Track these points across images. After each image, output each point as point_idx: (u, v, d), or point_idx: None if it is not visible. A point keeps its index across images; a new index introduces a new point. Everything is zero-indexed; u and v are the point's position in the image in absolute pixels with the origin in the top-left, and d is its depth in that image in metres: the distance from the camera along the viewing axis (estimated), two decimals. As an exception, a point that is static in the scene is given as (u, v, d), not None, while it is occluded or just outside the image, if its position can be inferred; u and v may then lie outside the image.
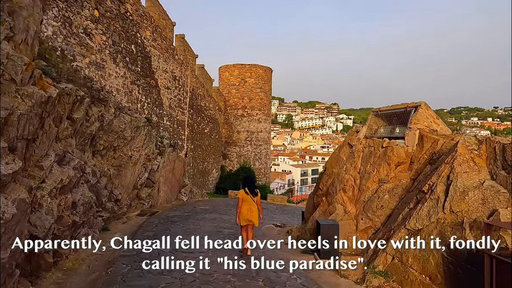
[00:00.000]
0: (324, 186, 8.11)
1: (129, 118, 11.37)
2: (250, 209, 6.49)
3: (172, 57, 18.81)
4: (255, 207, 6.52)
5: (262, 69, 29.56)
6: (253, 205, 6.49)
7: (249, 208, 6.49)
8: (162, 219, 10.34)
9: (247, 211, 6.48)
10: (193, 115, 22.48)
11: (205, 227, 9.32)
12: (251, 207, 6.49)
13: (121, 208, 10.26)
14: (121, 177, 10.84)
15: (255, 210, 6.52)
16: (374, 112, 7.60)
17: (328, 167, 8.11)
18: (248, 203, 6.49)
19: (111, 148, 10.63)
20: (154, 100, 16.90)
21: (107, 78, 12.98)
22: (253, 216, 6.51)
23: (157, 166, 12.99)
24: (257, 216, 6.56)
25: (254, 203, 6.48)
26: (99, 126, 9.89)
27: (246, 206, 6.49)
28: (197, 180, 23.84)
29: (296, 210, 16.48)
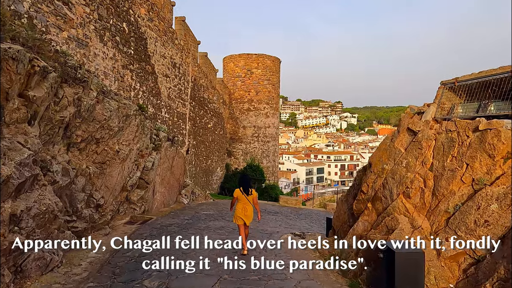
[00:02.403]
0: (370, 189, 5.97)
1: (116, 105, 9.30)
2: (244, 208, 6.49)
3: (171, 41, 16.71)
4: (250, 206, 6.50)
5: (270, 60, 27.34)
6: (247, 204, 6.48)
7: (243, 207, 6.49)
8: (156, 229, 8.25)
9: (242, 210, 6.49)
10: (195, 108, 20.39)
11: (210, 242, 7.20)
12: (246, 206, 6.49)
13: (103, 215, 8.18)
14: (106, 177, 8.76)
15: (249, 209, 6.51)
16: (448, 84, 5.44)
17: (376, 163, 5.98)
18: (243, 202, 6.51)
19: (93, 141, 8.56)
20: (150, 89, 14.81)
21: (92, 59, 10.90)
22: (247, 216, 6.50)
23: (151, 163, 10.90)
24: (251, 215, 6.54)
25: (248, 202, 6.48)
26: (75, 113, 7.83)
27: (241, 205, 6.52)
28: (200, 180, 21.76)
29: (313, 214, 14.34)
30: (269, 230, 9.58)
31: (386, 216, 5.17)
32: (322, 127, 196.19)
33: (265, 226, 10.24)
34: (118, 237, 7.47)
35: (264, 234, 8.80)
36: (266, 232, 9.12)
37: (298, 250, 7.49)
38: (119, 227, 8.60)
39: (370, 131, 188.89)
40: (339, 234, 7.75)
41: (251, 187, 6.71)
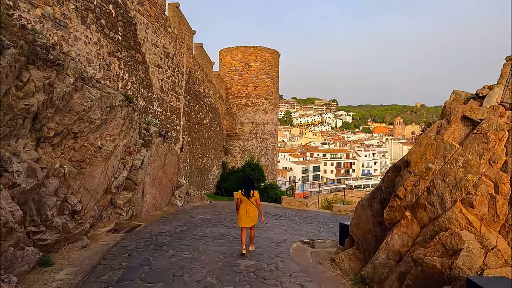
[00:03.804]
0: (409, 194, 4.78)
1: (98, 94, 8.02)
2: (247, 210, 6.43)
3: (164, 29, 15.37)
4: (252, 207, 6.44)
5: (269, 53, 26.00)
6: (249, 206, 6.44)
7: (246, 209, 6.44)
8: (144, 239, 6.98)
9: (244, 211, 6.44)
10: (190, 102, 19.07)
11: (209, 257, 5.96)
12: (248, 208, 6.43)
13: (81, 223, 6.89)
14: (85, 178, 7.47)
15: (252, 210, 6.44)
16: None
17: (417, 161, 4.79)
18: (245, 203, 6.46)
19: (69, 135, 7.28)
20: (141, 80, 13.49)
21: (73, 43, 9.56)
22: (250, 217, 6.44)
23: (140, 161, 9.62)
24: (254, 217, 6.47)
25: (250, 203, 6.44)
26: (46, 101, 6.56)
27: (243, 206, 6.48)
28: (195, 179, 20.47)
29: (319, 217, 13.17)
30: (274, 238, 8.37)
31: (439, 230, 4.00)
32: (317, 125, 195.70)
33: (270, 233, 9.02)
34: (97, 251, 6.22)
35: (271, 244, 7.58)
36: (272, 241, 7.91)
37: (316, 269, 6.28)
38: (100, 237, 7.32)
39: (365, 129, 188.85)
40: (361, 246, 6.55)
41: (253, 189, 6.56)
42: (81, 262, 5.63)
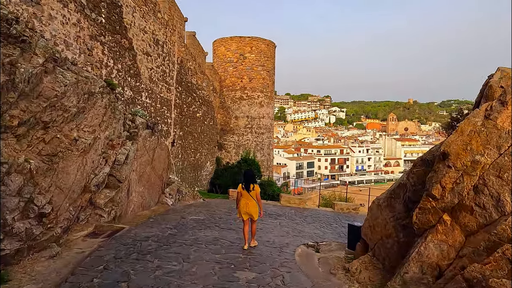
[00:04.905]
0: (449, 193, 3.88)
1: (73, 78, 6.97)
2: (246, 204, 6.46)
3: (153, 13, 14.25)
4: (252, 201, 6.47)
5: (265, 43, 24.88)
6: (249, 200, 6.46)
7: (246, 203, 6.47)
8: (125, 245, 5.98)
9: (244, 205, 6.47)
10: (182, 94, 17.99)
11: (201, 269, 4.98)
12: (248, 202, 6.46)
13: (51, 228, 5.87)
14: (57, 174, 6.43)
15: (251, 204, 6.46)
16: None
17: (459, 152, 3.88)
18: (245, 197, 6.51)
19: (38, 125, 6.25)
20: (127, 68, 12.39)
21: (47, 22, 8.45)
22: (250, 211, 6.43)
23: (125, 156, 8.59)
24: (254, 210, 6.46)
25: (250, 197, 6.47)
26: (6, 83, 5.53)
27: (243, 200, 6.50)
28: (188, 175, 19.45)
29: (320, 215, 12.28)
30: (276, 241, 7.44)
31: (498, 240, 3.11)
32: (311, 121, 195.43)
33: (270, 235, 8.09)
34: (69, 261, 5.21)
35: (273, 249, 6.65)
36: (274, 245, 6.98)
37: (329, 282, 5.36)
38: (76, 243, 6.31)
39: (358, 125, 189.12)
40: (379, 253, 5.65)
41: (253, 183, 6.52)
42: (46, 277, 4.63)
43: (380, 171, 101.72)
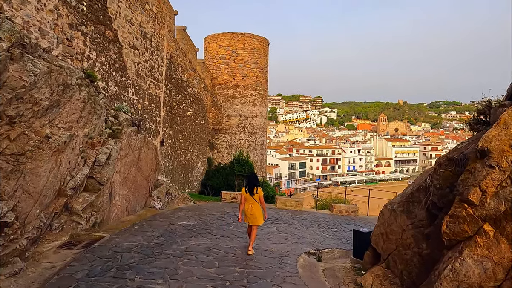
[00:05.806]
0: (493, 199, 3.23)
1: (45, 67, 6.15)
2: (250, 207, 6.39)
3: (141, 5, 13.40)
4: (255, 205, 6.40)
5: (258, 40, 24.13)
6: (253, 203, 6.40)
7: (249, 206, 6.40)
8: (103, 258, 5.16)
9: (248, 209, 6.40)
10: (172, 91, 17.13)
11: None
12: (251, 205, 6.39)
13: (14, 240, 5.02)
14: (24, 176, 5.58)
15: (255, 208, 6.39)
16: None
17: (504, 149, 3.23)
18: (249, 201, 6.44)
19: (2, 120, 5.39)
20: (112, 61, 11.51)
21: (18, 6, 7.55)
22: (253, 215, 6.36)
23: (107, 155, 7.76)
24: (258, 215, 6.39)
25: (254, 200, 6.40)
26: (-41, 68, 4.68)
27: (247, 204, 6.44)
28: (178, 177, 18.58)
29: (319, 219, 11.59)
30: (275, 250, 6.71)
31: None
32: (303, 121, 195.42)
33: (268, 242, 7.36)
34: (34, 279, 4.39)
35: (273, 260, 5.92)
36: (273, 255, 6.24)
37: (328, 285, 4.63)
38: (46, 255, 5.46)
39: (349, 126, 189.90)
40: (395, 265, 4.95)
41: (256, 186, 6.47)
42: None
43: (371, 171, 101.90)
